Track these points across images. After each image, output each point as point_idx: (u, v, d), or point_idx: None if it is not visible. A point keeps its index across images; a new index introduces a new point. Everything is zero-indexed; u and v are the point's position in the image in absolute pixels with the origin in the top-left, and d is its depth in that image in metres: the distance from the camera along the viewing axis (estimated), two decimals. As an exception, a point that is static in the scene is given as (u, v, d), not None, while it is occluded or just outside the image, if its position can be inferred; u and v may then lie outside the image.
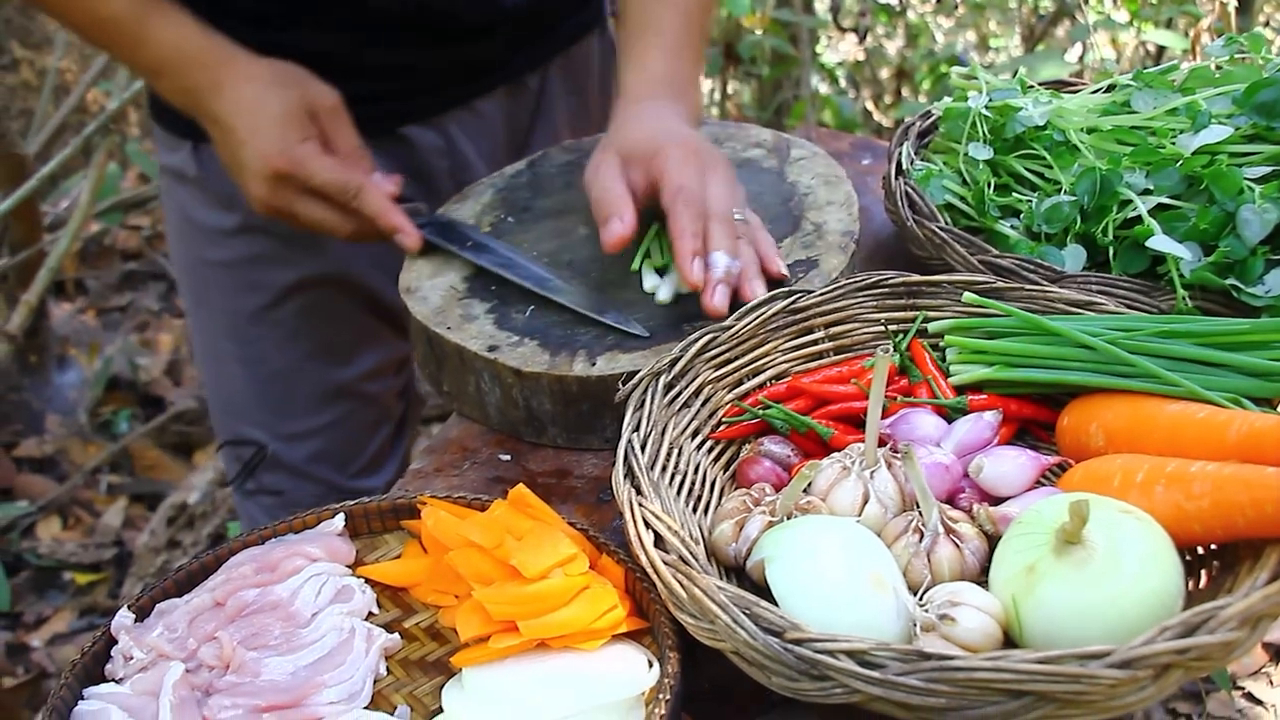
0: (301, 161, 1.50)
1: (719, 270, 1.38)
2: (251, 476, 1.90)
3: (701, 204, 1.42)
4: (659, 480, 1.18)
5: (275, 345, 1.84)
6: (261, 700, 1.13)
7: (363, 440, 1.96)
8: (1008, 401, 1.30)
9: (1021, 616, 1.04)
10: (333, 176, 1.52)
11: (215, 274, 1.82)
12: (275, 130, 1.50)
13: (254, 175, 1.51)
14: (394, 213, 1.56)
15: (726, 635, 1.01)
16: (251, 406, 1.89)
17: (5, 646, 2.98)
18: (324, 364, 1.87)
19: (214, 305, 1.85)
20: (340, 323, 1.85)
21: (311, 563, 1.25)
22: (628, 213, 1.43)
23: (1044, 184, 1.54)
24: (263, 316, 1.82)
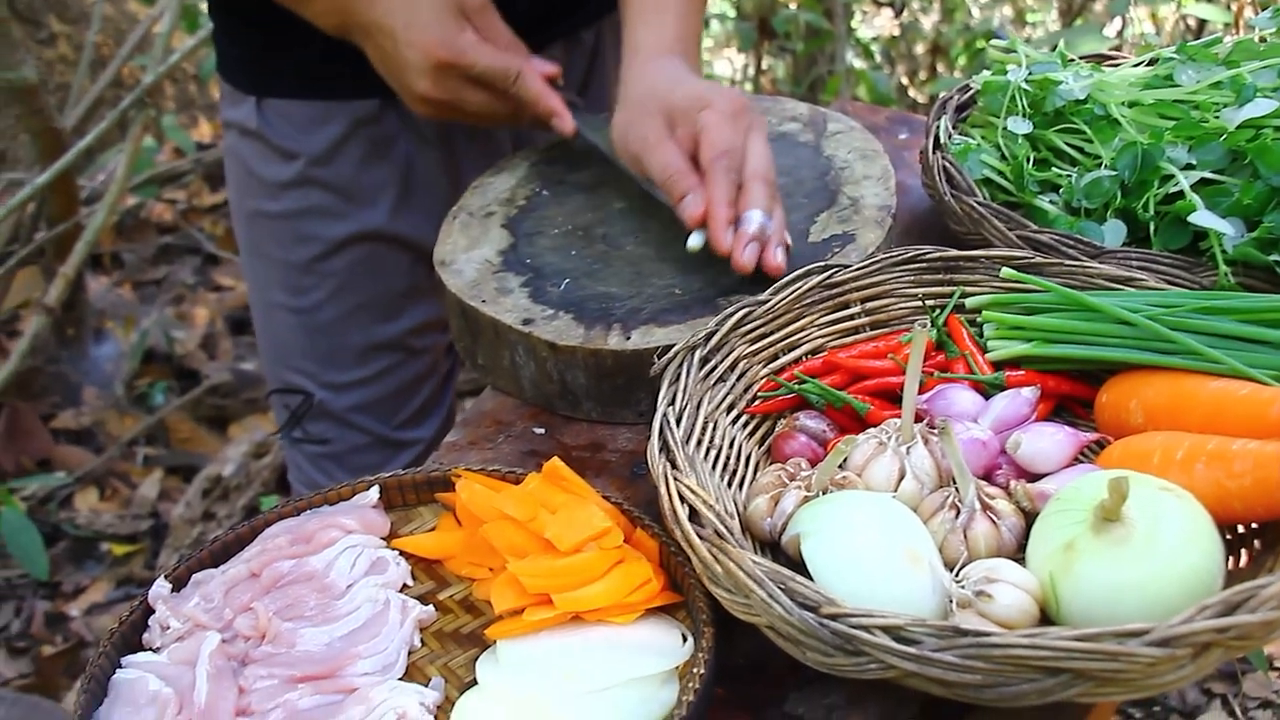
0: (463, 50, 1.53)
1: (752, 226, 1.39)
2: (299, 425, 1.93)
3: (741, 166, 1.42)
4: (694, 454, 1.18)
5: (325, 297, 1.87)
6: (296, 671, 1.14)
7: (409, 392, 1.98)
8: (1046, 378, 1.29)
9: (1059, 594, 1.03)
10: (494, 62, 1.55)
11: (270, 225, 1.85)
12: (433, 23, 1.53)
13: (417, 70, 1.54)
14: (552, 96, 1.60)
15: (761, 610, 1.01)
16: (300, 356, 1.92)
17: (44, 616, 3.01)
18: (373, 317, 1.89)
19: (268, 256, 1.88)
20: (390, 277, 1.88)
21: (346, 534, 1.25)
22: (700, 185, 1.43)
23: (1084, 159, 1.52)
24: (314, 268, 1.85)
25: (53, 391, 3.56)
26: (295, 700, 1.12)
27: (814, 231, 1.50)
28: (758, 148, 1.44)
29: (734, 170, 1.42)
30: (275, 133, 1.77)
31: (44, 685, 2.75)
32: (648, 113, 1.49)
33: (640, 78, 1.55)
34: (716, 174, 1.41)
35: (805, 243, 1.48)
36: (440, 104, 1.57)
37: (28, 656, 2.91)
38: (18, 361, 3.19)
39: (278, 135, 1.77)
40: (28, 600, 3.06)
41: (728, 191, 1.41)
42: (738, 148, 1.43)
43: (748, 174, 1.42)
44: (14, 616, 3.02)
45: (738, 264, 1.38)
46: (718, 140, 1.42)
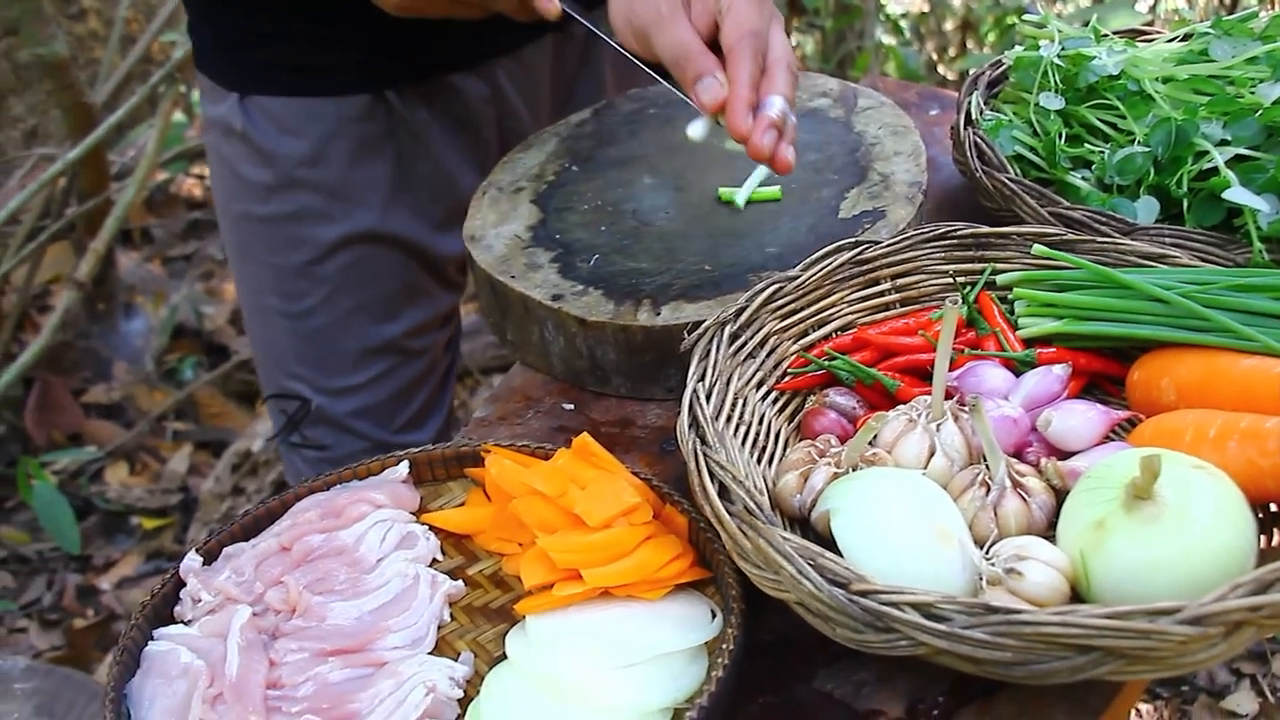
0: None
1: (774, 111, 1.29)
2: (296, 430, 1.89)
3: (765, 49, 1.32)
4: (723, 430, 1.18)
5: (319, 301, 1.81)
6: (327, 644, 1.15)
7: (408, 395, 1.93)
8: (1077, 355, 1.28)
9: (1090, 572, 1.03)
10: None
11: (259, 229, 1.80)
12: None
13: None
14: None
15: (791, 586, 1.01)
16: (296, 361, 1.87)
17: (75, 589, 3.04)
18: (368, 320, 1.84)
19: (258, 260, 1.83)
20: (384, 279, 1.83)
21: (376, 509, 1.26)
22: (718, 68, 1.31)
23: (1117, 135, 1.51)
24: (306, 272, 1.79)
25: (83, 366, 3.58)
26: (325, 673, 1.12)
27: (844, 208, 1.49)
28: (780, 35, 1.35)
29: (759, 53, 1.31)
30: (260, 133, 1.71)
31: (76, 658, 2.77)
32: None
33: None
34: (743, 54, 1.30)
35: (835, 219, 1.48)
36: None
37: (59, 629, 2.94)
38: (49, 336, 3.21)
39: (262, 135, 1.71)
40: (59, 573, 3.08)
41: (752, 73, 1.29)
42: (764, 30, 1.32)
43: (772, 59, 1.32)
44: (46, 589, 3.05)
45: (756, 149, 1.28)
46: (744, 19, 1.31)
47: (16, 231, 3.42)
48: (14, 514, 3.24)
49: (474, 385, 3.53)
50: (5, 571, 3.09)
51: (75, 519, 3.06)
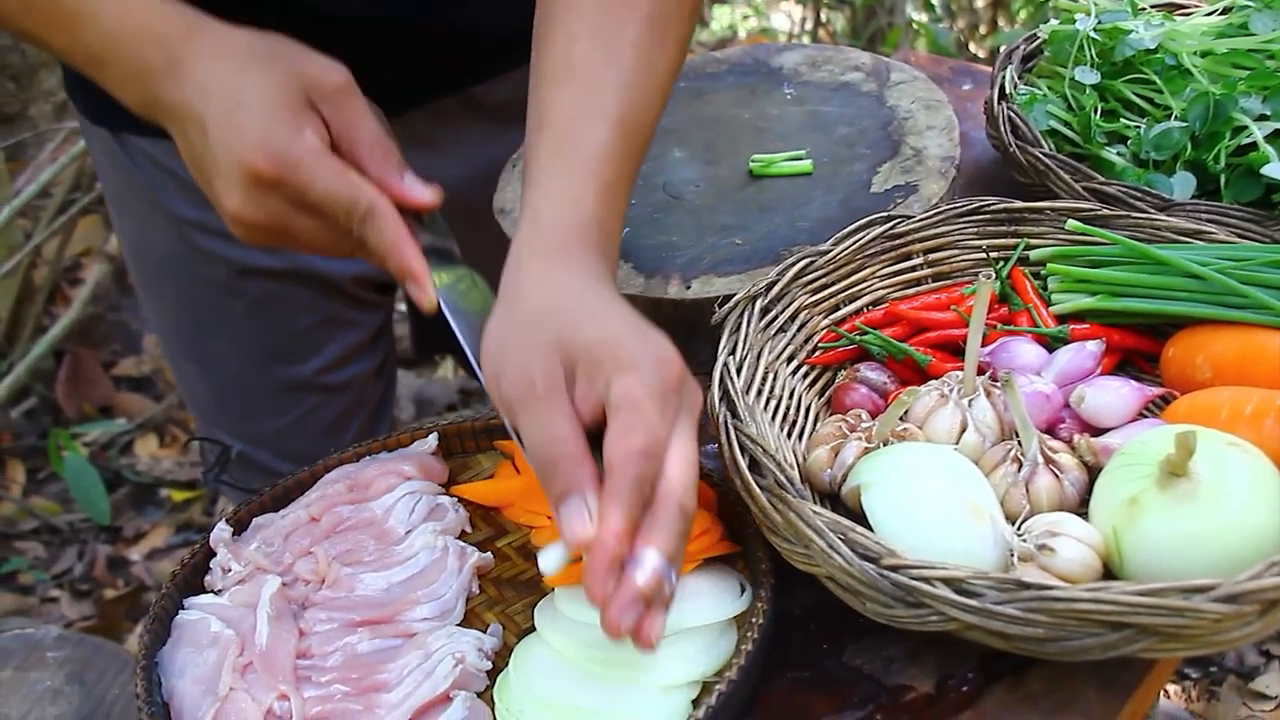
0: (295, 162, 1.08)
1: (645, 576, 0.93)
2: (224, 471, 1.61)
3: (655, 476, 0.96)
4: (754, 404, 1.18)
5: (227, 345, 1.66)
6: (356, 615, 1.15)
7: (336, 430, 1.74)
8: (1111, 331, 1.27)
9: (1123, 549, 1.02)
10: (335, 187, 1.09)
11: (156, 270, 1.65)
12: (257, 118, 1.08)
13: (228, 181, 1.09)
14: (409, 251, 1.12)
15: (821, 560, 1.00)
16: (212, 408, 1.75)
17: (106, 559, 3.06)
18: (281, 360, 1.67)
19: (161, 302, 1.69)
20: (293, 314, 1.64)
21: (405, 481, 1.26)
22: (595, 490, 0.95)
23: (1153, 109, 1.49)
24: (209, 315, 1.64)
25: (113, 339, 3.60)
26: (354, 644, 1.13)
27: (876, 182, 1.48)
28: (684, 450, 0.98)
29: (647, 482, 0.95)
30: (140, 170, 1.52)
31: (106, 627, 2.80)
32: (539, 344, 1.01)
33: (539, 281, 1.07)
34: (622, 484, 0.94)
35: (867, 193, 1.47)
36: (263, 229, 1.12)
37: (90, 599, 2.96)
38: (79, 309, 3.24)
39: (142, 173, 1.52)
40: (90, 544, 3.11)
41: (631, 514, 0.94)
42: (658, 447, 0.96)
43: (661, 492, 0.96)
44: (77, 560, 3.08)
45: (610, 624, 0.93)
46: (635, 428, 0.95)
47: (48, 204, 3.44)
48: (46, 485, 3.27)
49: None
50: (37, 542, 3.12)
51: (106, 490, 3.09)
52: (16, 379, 3.18)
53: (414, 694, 1.06)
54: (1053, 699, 1.02)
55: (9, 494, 3.21)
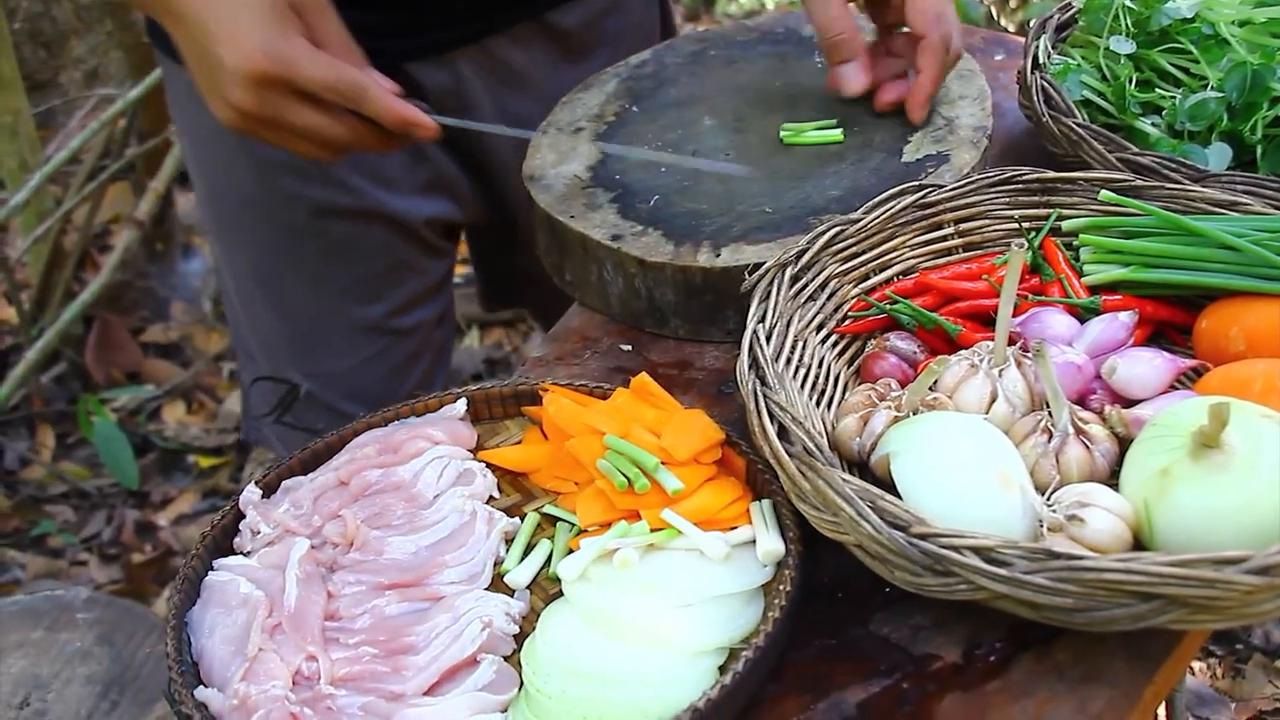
0: (292, 59, 1.25)
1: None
2: (287, 412, 1.76)
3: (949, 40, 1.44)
4: (783, 372, 1.17)
5: (302, 285, 1.74)
6: (384, 578, 1.16)
7: (400, 374, 1.85)
8: (1143, 303, 1.26)
9: (1153, 520, 1.02)
10: (330, 73, 1.27)
11: (233, 211, 1.73)
12: (257, 23, 1.25)
13: (234, 79, 1.26)
14: (402, 105, 1.32)
15: (850, 528, 1.00)
16: (283, 347, 1.81)
17: (134, 524, 3.08)
18: (353, 301, 1.76)
19: (236, 243, 1.76)
20: (366, 256, 1.74)
21: (434, 445, 1.26)
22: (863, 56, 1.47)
23: (1189, 79, 1.48)
24: (285, 255, 1.72)
25: (142, 305, 3.62)
26: (383, 606, 1.13)
27: (907, 151, 1.47)
28: (953, 17, 1.44)
29: (947, 45, 1.44)
30: None
31: (134, 591, 2.82)
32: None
33: None
34: (933, 49, 1.44)
35: (899, 162, 1.46)
36: (258, 120, 1.30)
37: (118, 563, 2.99)
38: (109, 275, 3.25)
39: None
40: (118, 509, 3.13)
41: (943, 65, 1.46)
42: (947, 16, 1.43)
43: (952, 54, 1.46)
44: (105, 524, 3.10)
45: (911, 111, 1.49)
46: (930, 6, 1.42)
47: (77, 171, 3.45)
48: (75, 450, 3.29)
49: (527, 331, 3.54)
50: (67, 506, 3.14)
51: (134, 456, 3.10)
52: (46, 344, 3.19)
53: (442, 656, 1.07)
54: (1080, 669, 1.02)
55: (39, 458, 3.23)
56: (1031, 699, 1.00)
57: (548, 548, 1.17)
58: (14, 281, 3.39)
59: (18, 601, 1.96)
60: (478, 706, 1.03)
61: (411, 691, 1.05)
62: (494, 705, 1.04)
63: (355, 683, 1.07)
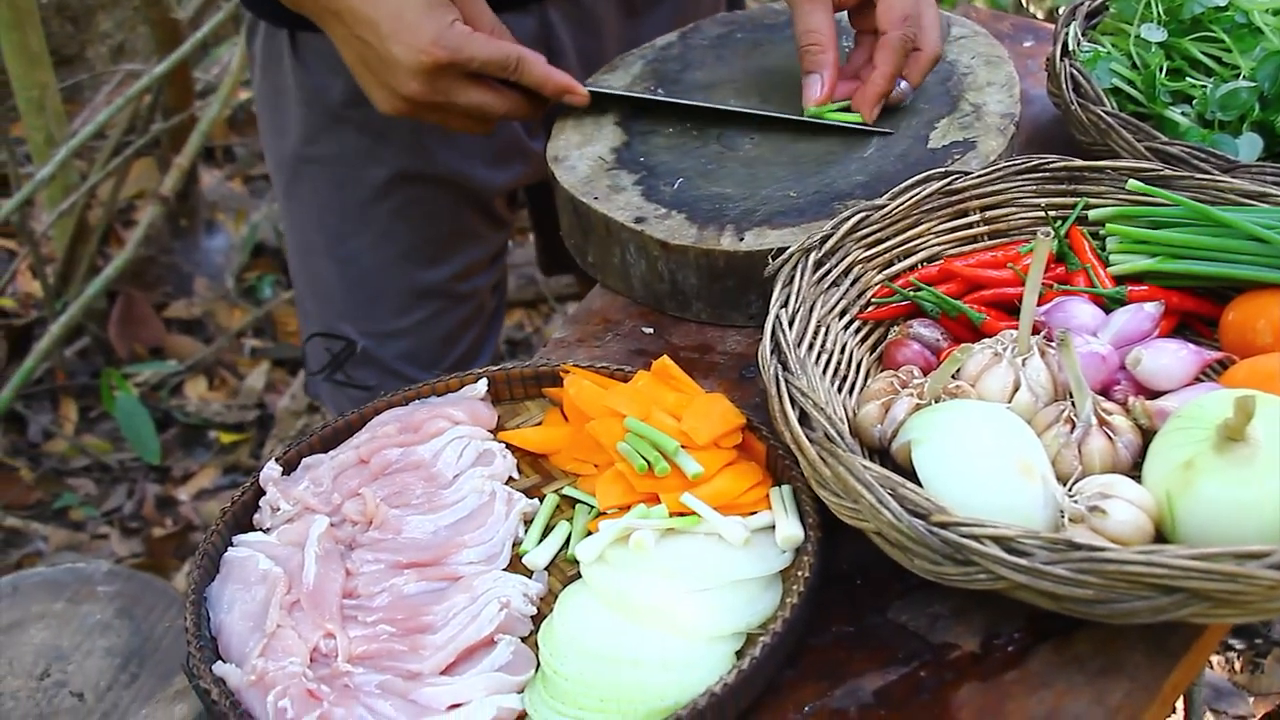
0: (460, 46, 1.36)
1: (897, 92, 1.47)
2: (340, 370, 1.86)
3: (914, 39, 1.43)
4: (805, 358, 1.17)
5: (368, 244, 1.78)
6: (403, 557, 1.16)
7: (454, 339, 1.90)
8: (1169, 294, 1.25)
9: (1176, 513, 1.01)
10: (493, 53, 1.39)
11: (307, 169, 1.76)
12: (424, 15, 1.36)
13: (409, 70, 1.36)
14: (558, 72, 1.45)
15: (870, 515, 1.00)
16: (342, 302, 1.84)
17: (155, 499, 3.09)
18: (416, 263, 1.81)
19: (305, 200, 1.79)
20: (434, 221, 1.79)
21: (454, 425, 1.26)
22: (832, 68, 1.45)
23: (1221, 69, 1.46)
24: (354, 214, 1.76)
25: (166, 281, 3.62)
26: (401, 585, 1.13)
27: (934, 138, 1.46)
28: (931, 18, 1.43)
29: (908, 44, 1.43)
30: (308, 71, 1.66)
31: (154, 564, 2.83)
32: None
33: None
34: (890, 46, 1.42)
35: (925, 148, 1.45)
36: (428, 106, 1.41)
37: (139, 537, 3.00)
38: (133, 250, 3.25)
39: (309, 73, 1.66)
40: (139, 483, 3.14)
41: (897, 66, 1.44)
42: (916, 14, 1.42)
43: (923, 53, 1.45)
44: (126, 498, 3.11)
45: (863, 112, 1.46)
46: (897, 3, 1.41)
47: (103, 146, 3.46)
48: (98, 424, 3.30)
49: (548, 313, 3.54)
50: (89, 479, 3.16)
51: (155, 431, 3.12)
52: (70, 318, 3.20)
53: (459, 636, 1.07)
54: (1099, 661, 1.01)
55: (62, 431, 3.25)
56: (1050, 690, 1.00)
57: (567, 530, 1.17)
58: (39, 255, 3.40)
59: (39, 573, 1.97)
60: (494, 687, 1.03)
61: (428, 670, 1.05)
62: (511, 686, 1.04)
63: (372, 661, 1.08)
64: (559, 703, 1.01)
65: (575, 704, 1.01)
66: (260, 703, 1.02)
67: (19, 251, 3.60)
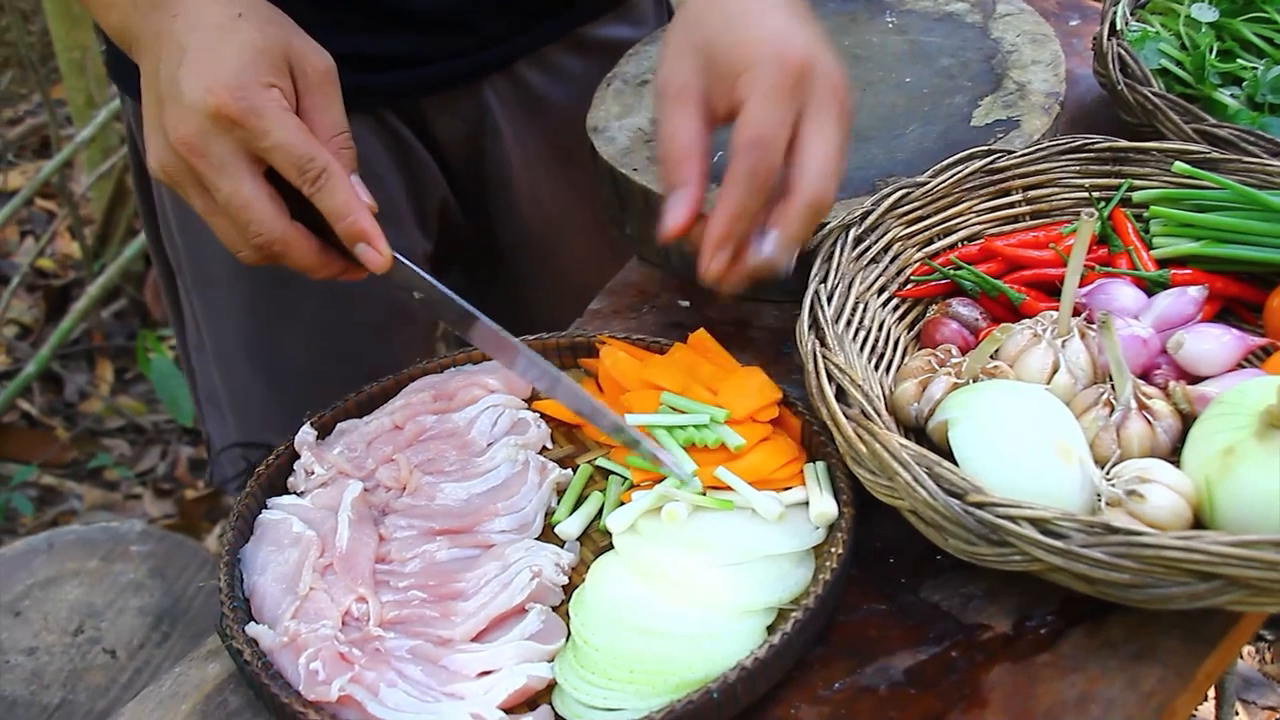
0: (259, 109, 1.07)
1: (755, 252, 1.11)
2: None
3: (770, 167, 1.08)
4: (843, 334, 1.16)
5: (296, 344, 1.59)
6: (435, 523, 1.16)
7: None
8: (1213, 278, 1.24)
9: (1215, 499, 1.00)
10: (293, 141, 1.09)
11: (219, 266, 1.54)
12: (238, 60, 1.09)
13: (187, 110, 1.08)
14: (361, 212, 1.12)
15: (905, 493, 0.99)
16: (265, 412, 1.62)
17: (187, 460, 3.12)
18: (348, 358, 1.59)
19: (231, 305, 1.58)
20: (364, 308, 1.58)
21: (489, 394, 1.26)
22: (695, 184, 1.11)
23: (1273, 50, 1.44)
24: (281, 315, 1.56)
25: (202, 246, 3.64)
26: (433, 551, 1.14)
27: (977, 116, 1.45)
28: (815, 140, 1.08)
29: (766, 170, 1.08)
30: None
31: (187, 526, 2.85)
32: (685, 47, 1.13)
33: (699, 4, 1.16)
34: (733, 175, 1.08)
35: (967, 126, 1.44)
36: (190, 168, 1.10)
37: (172, 498, 3.02)
38: (171, 213, 3.26)
39: None
40: (172, 445, 3.16)
41: (745, 202, 1.08)
42: (777, 139, 1.07)
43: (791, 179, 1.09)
44: (160, 460, 3.14)
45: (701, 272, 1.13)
46: (746, 125, 1.07)
47: (143, 108, 3.47)
48: (133, 385, 3.33)
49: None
50: (123, 440, 3.18)
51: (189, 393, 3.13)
52: (108, 280, 3.23)
53: (490, 604, 1.07)
54: (1133, 647, 1.00)
55: (98, 392, 3.27)
56: (1082, 674, 0.99)
57: (599, 500, 1.17)
58: (78, 216, 3.42)
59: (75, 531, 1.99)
60: (525, 655, 1.04)
61: (459, 637, 1.06)
62: (541, 655, 1.04)
63: (404, 626, 1.08)
64: (589, 672, 1.01)
65: (605, 674, 1.01)
66: (292, 664, 1.03)
67: (58, 213, 3.62)
